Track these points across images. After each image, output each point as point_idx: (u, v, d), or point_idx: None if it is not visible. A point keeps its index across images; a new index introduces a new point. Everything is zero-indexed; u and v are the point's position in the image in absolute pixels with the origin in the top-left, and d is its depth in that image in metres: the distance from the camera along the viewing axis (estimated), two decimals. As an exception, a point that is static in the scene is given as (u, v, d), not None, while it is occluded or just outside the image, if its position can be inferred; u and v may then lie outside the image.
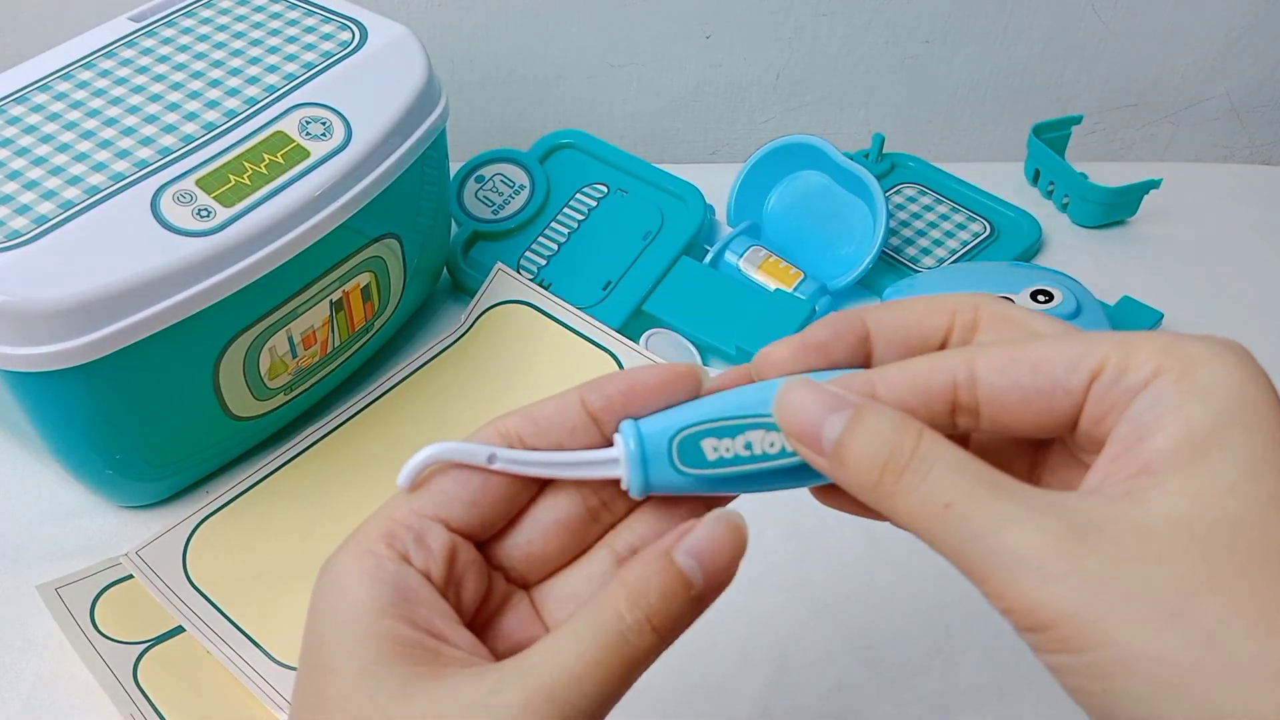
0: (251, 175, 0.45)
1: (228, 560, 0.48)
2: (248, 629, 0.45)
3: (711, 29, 0.75)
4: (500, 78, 0.77)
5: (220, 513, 0.49)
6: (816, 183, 0.64)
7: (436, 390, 0.55)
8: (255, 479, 0.51)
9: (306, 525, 0.49)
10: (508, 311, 0.58)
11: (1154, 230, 0.68)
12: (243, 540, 0.48)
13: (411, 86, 0.50)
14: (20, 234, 0.41)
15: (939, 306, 0.27)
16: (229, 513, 0.49)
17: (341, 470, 0.51)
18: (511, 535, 0.28)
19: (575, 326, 0.56)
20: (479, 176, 0.64)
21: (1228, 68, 0.81)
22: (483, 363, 0.56)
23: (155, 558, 0.47)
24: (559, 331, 0.56)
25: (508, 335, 0.57)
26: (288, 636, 0.45)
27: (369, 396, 0.54)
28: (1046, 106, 0.81)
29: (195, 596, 0.46)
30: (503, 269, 0.59)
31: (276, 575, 0.47)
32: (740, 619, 0.45)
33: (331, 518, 0.49)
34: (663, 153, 0.82)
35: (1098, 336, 0.24)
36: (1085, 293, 0.53)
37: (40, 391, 0.43)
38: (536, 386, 0.54)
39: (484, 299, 0.58)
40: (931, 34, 0.77)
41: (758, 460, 0.25)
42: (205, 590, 0.46)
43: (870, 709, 0.43)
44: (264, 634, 0.45)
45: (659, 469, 0.26)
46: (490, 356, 0.56)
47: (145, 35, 0.52)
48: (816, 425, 0.24)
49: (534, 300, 0.58)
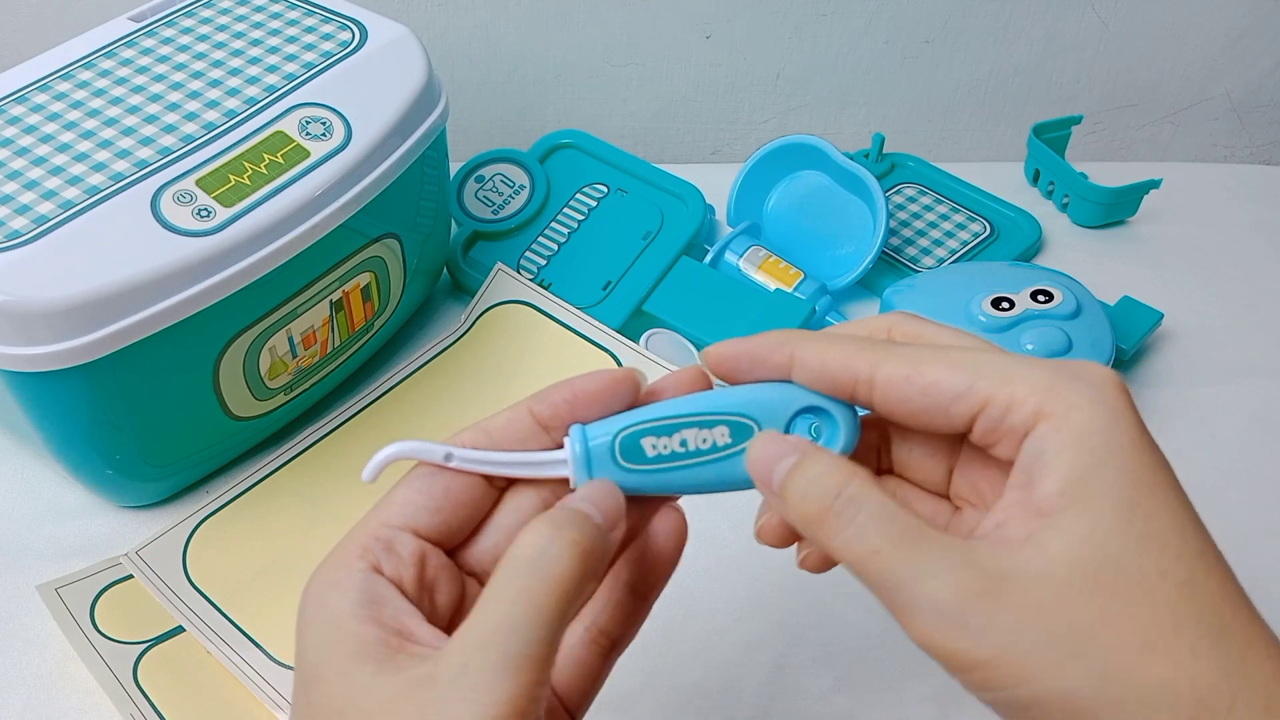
0: (251, 175, 0.45)
1: (228, 560, 0.47)
2: (248, 629, 0.45)
3: (711, 29, 0.75)
4: (500, 78, 0.77)
5: (220, 513, 0.49)
6: (816, 183, 0.64)
7: (436, 390, 0.55)
8: (255, 479, 0.51)
9: (306, 525, 0.49)
10: (508, 311, 0.57)
11: (1154, 230, 0.68)
12: (243, 540, 0.48)
13: (411, 86, 0.50)
14: (20, 234, 0.41)
15: (859, 329, 0.30)
16: (229, 513, 0.49)
17: (341, 471, 0.51)
18: (479, 540, 0.29)
19: (575, 327, 0.56)
20: (479, 176, 0.64)
21: (1228, 68, 0.81)
22: (483, 363, 0.56)
23: (155, 557, 0.47)
24: (559, 332, 0.56)
25: (508, 335, 0.57)
26: (288, 636, 0.44)
27: (369, 396, 0.54)
28: (1046, 106, 0.81)
29: (195, 596, 0.46)
30: (503, 269, 0.58)
31: (276, 575, 0.47)
32: (740, 619, 0.45)
33: (331, 517, 0.49)
34: (663, 153, 0.82)
35: (986, 365, 0.26)
36: (1085, 293, 0.53)
37: (40, 391, 0.43)
38: (536, 387, 0.54)
39: (484, 299, 0.58)
40: (931, 34, 0.77)
41: (692, 456, 0.28)
42: (205, 590, 0.46)
43: (870, 709, 0.43)
44: (264, 634, 0.44)
45: (602, 467, 0.28)
46: (490, 356, 0.56)
47: (145, 35, 0.52)
48: (769, 468, 0.27)
49: (534, 300, 0.57)
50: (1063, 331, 0.50)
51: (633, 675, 0.43)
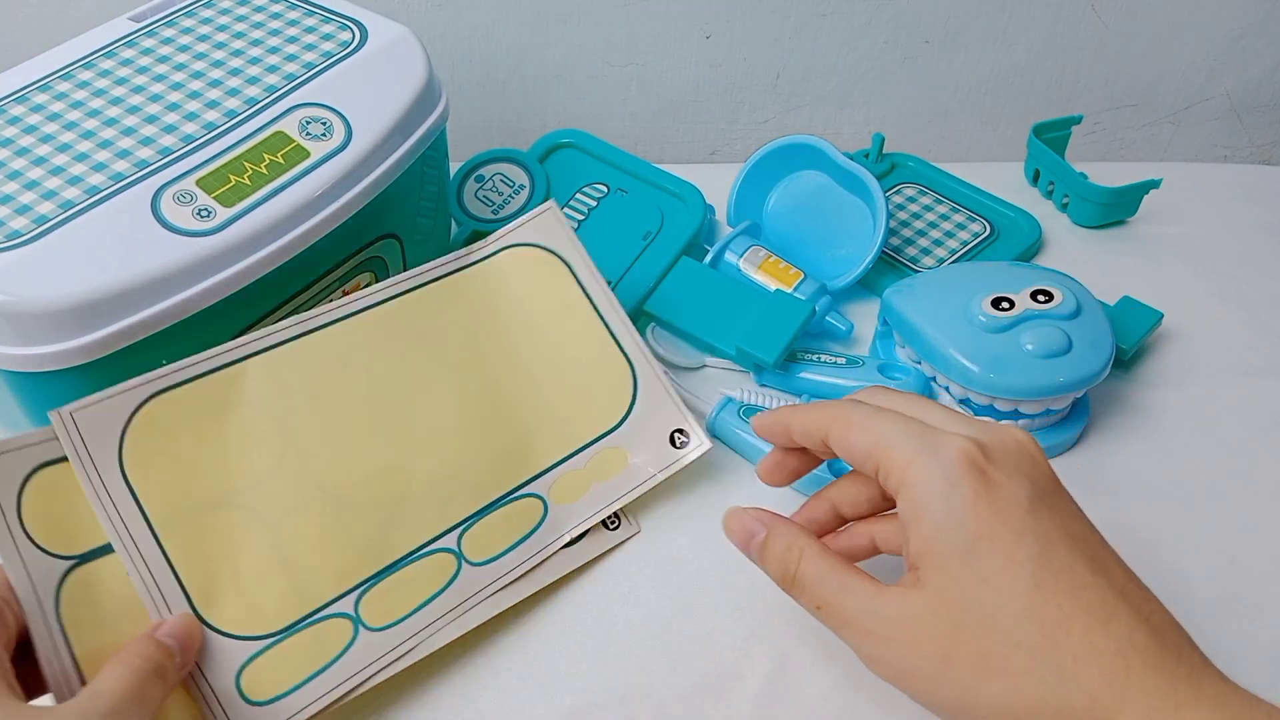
0: (251, 175, 0.45)
1: (170, 465, 0.40)
2: (179, 568, 0.39)
3: (711, 29, 0.75)
4: (500, 78, 0.77)
5: (175, 393, 0.41)
6: (816, 183, 0.64)
7: (432, 313, 0.48)
8: (225, 360, 0.42)
9: (273, 455, 0.42)
10: (535, 256, 0.51)
11: (1154, 230, 0.68)
12: (194, 444, 0.41)
13: (411, 86, 0.50)
14: (20, 234, 0.41)
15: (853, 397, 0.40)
16: (184, 398, 0.41)
17: (316, 378, 0.44)
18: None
19: (599, 304, 0.51)
20: (479, 176, 0.64)
21: (1228, 68, 0.81)
22: (486, 301, 0.49)
23: (91, 426, 0.39)
24: (578, 301, 0.50)
25: (524, 279, 0.50)
26: (221, 595, 0.39)
27: (365, 300, 0.46)
28: (1046, 106, 0.81)
29: (125, 496, 0.39)
30: (554, 208, 0.51)
31: (225, 514, 0.41)
32: (740, 619, 0.45)
33: (299, 455, 0.43)
34: (663, 153, 0.82)
35: (887, 434, 0.36)
36: (1085, 293, 0.53)
37: (40, 391, 0.43)
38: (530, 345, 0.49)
39: (519, 231, 0.51)
40: (931, 34, 0.77)
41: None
42: (138, 491, 0.39)
43: (870, 709, 0.43)
44: (197, 584, 0.39)
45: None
46: (498, 295, 0.50)
47: (145, 35, 0.52)
48: (748, 540, 0.39)
49: (569, 256, 0.51)
50: (1063, 331, 0.50)
51: (633, 674, 0.44)
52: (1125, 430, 0.54)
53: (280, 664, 0.40)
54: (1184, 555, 0.49)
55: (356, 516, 0.43)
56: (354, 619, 0.42)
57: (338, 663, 0.41)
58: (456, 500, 0.46)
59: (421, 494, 0.45)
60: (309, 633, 0.41)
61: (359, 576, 0.43)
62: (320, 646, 0.41)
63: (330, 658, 0.41)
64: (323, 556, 0.42)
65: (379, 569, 0.43)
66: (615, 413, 0.49)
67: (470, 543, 0.45)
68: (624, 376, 0.50)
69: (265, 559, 0.41)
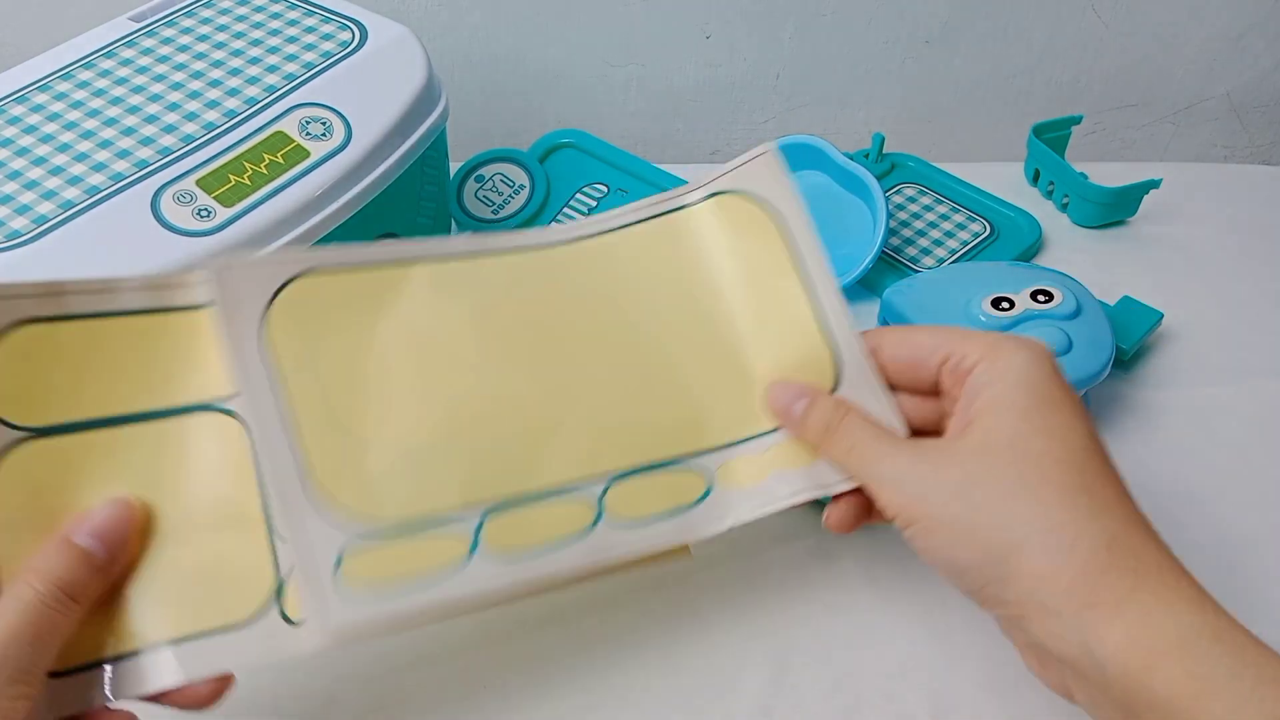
0: (251, 175, 0.45)
1: (312, 339, 0.37)
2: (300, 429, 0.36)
3: (711, 29, 0.75)
4: (500, 78, 0.77)
5: (334, 275, 0.38)
6: (816, 183, 0.64)
7: (616, 260, 0.44)
8: (391, 257, 0.39)
9: (414, 365, 0.39)
10: (744, 209, 0.44)
11: (1154, 230, 0.68)
12: (340, 326, 0.38)
13: (411, 87, 0.50)
14: (20, 234, 0.41)
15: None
16: (343, 280, 0.38)
17: (481, 298, 0.41)
18: None
19: (812, 274, 0.43)
20: (479, 176, 0.64)
21: (1228, 68, 0.81)
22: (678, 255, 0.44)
23: (243, 281, 0.36)
24: (786, 267, 0.44)
25: (727, 233, 0.44)
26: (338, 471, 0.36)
27: (544, 237, 0.43)
28: (1046, 106, 0.81)
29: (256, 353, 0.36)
30: (774, 152, 0.44)
31: (357, 398, 0.38)
32: (740, 619, 0.46)
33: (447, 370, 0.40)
34: (663, 153, 0.82)
35: (954, 333, 0.38)
36: (1085, 293, 0.53)
37: (40, 391, 0.43)
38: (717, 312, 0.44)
39: (729, 177, 0.45)
40: (931, 34, 0.77)
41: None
42: (273, 350, 0.36)
43: (870, 708, 0.43)
44: (314, 450, 0.36)
45: None
46: (692, 250, 0.44)
47: (145, 35, 0.52)
48: (789, 405, 0.41)
49: (786, 213, 0.44)
50: (1063, 331, 0.50)
51: (633, 674, 0.44)
52: (1125, 430, 0.54)
53: (386, 561, 0.36)
54: (1183, 555, 0.48)
55: (496, 440, 0.39)
56: (473, 539, 0.37)
57: (445, 581, 0.36)
58: (609, 451, 0.41)
59: (570, 436, 0.40)
60: (424, 539, 0.37)
61: (488, 494, 0.38)
62: (432, 556, 0.37)
63: (439, 570, 0.36)
64: (453, 468, 0.38)
65: (510, 495, 0.39)
66: None
67: (615, 499, 0.40)
68: (825, 361, 0.42)
69: (392, 452, 0.38)
